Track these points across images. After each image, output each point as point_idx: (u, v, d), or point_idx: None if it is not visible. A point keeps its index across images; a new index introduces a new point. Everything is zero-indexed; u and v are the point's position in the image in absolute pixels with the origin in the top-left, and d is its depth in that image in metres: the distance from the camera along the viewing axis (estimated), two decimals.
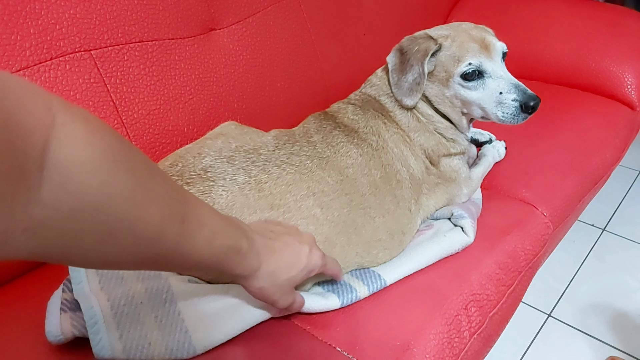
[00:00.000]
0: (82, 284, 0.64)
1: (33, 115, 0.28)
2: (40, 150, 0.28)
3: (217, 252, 0.46)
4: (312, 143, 0.76)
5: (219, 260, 0.47)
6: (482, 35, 0.81)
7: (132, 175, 0.35)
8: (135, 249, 0.37)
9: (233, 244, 0.48)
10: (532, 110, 0.78)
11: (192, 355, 0.60)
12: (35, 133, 0.28)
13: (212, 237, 0.45)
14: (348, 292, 0.70)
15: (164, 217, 0.39)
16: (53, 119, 0.29)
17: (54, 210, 0.30)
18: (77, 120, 0.31)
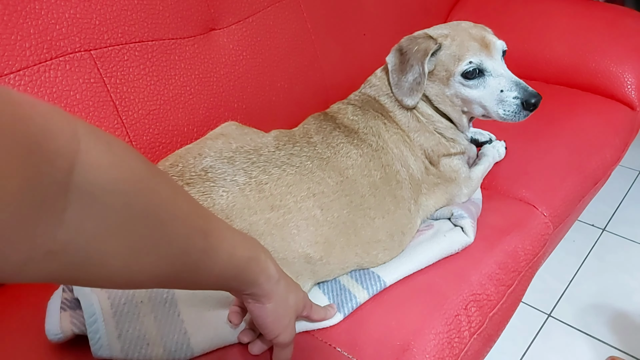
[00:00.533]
0: None
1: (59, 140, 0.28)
2: (65, 175, 0.28)
3: (239, 263, 0.46)
4: (312, 144, 0.76)
5: (241, 270, 0.47)
6: (482, 33, 0.82)
7: (155, 196, 0.36)
8: (160, 267, 0.37)
9: (252, 254, 0.48)
10: (534, 107, 0.78)
11: (189, 357, 0.60)
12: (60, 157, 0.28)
13: (233, 250, 0.45)
14: (348, 300, 0.70)
15: (187, 235, 0.39)
16: (78, 144, 0.29)
17: (77, 233, 0.30)
18: (101, 144, 0.32)
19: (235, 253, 0.46)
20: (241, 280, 0.49)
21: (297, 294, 0.57)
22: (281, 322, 0.55)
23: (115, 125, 0.83)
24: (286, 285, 0.54)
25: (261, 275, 0.50)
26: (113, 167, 0.32)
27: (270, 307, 0.53)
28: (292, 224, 0.67)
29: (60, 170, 0.28)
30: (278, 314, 0.54)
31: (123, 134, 0.84)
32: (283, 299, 0.54)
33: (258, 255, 0.49)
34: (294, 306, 0.56)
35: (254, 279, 0.50)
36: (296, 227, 0.67)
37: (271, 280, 0.51)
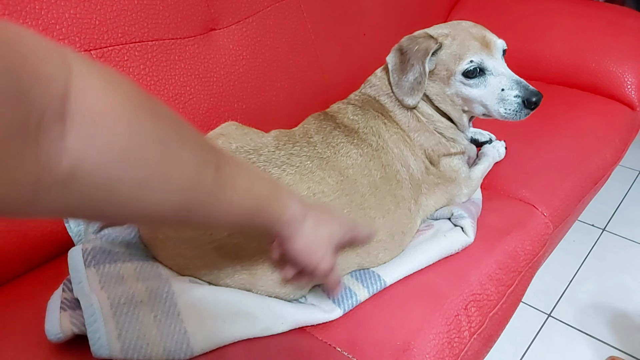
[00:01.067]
0: (82, 284, 0.64)
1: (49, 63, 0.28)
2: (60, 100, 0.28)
3: (259, 200, 0.46)
4: (312, 143, 0.76)
5: (263, 207, 0.47)
6: (482, 33, 0.82)
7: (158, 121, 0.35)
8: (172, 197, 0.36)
9: (273, 191, 0.48)
10: (535, 105, 0.78)
11: (189, 356, 0.60)
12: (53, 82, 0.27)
13: (250, 186, 0.44)
14: (348, 297, 0.70)
15: (197, 164, 0.38)
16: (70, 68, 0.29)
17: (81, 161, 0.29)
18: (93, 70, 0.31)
19: (252, 190, 0.45)
20: (263, 219, 0.48)
21: (331, 226, 0.56)
22: (315, 255, 0.55)
23: None
24: (315, 221, 0.54)
25: (283, 214, 0.49)
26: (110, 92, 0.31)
27: (301, 243, 0.53)
28: None
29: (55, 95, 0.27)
30: (310, 249, 0.54)
31: None
32: (312, 234, 0.53)
33: (278, 194, 0.49)
34: (327, 238, 0.56)
35: (276, 218, 0.49)
36: None
37: (295, 219, 0.51)
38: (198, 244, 0.65)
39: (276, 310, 0.66)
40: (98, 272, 0.66)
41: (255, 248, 0.65)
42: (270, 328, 0.65)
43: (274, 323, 0.65)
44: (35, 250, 0.79)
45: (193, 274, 0.67)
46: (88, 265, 0.67)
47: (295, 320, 0.66)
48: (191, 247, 0.66)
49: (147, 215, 0.37)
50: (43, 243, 0.79)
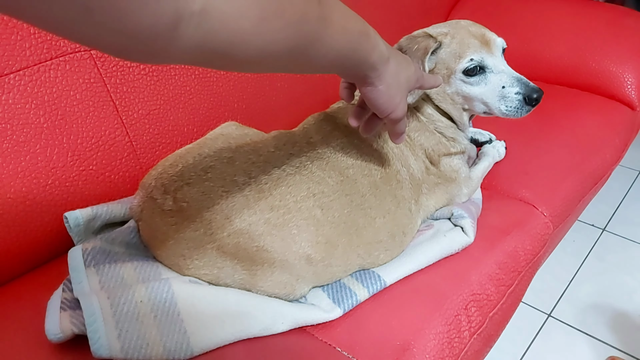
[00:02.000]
0: (82, 284, 0.64)
1: None
2: None
3: (352, 37, 0.46)
4: (312, 144, 0.76)
5: (354, 47, 0.47)
6: (482, 31, 0.82)
7: None
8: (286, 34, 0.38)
9: (363, 29, 0.48)
10: (536, 102, 0.78)
11: (189, 356, 0.60)
12: None
13: (345, 21, 0.45)
14: (348, 297, 0.70)
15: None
16: None
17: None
18: None
19: (347, 25, 0.45)
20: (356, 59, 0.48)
21: (407, 70, 0.57)
22: (393, 100, 0.55)
23: (115, 125, 0.83)
24: (397, 63, 0.54)
25: (373, 53, 0.50)
26: None
27: (383, 88, 0.53)
28: (292, 224, 0.67)
29: None
30: (390, 94, 0.54)
31: (123, 133, 0.84)
32: (394, 78, 0.54)
33: (367, 30, 0.49)
34: (405, 83, 0.57)
35: (366, 57, 0.49)
36: (296, 227, 0.67)
37: (382, 58, 0.51)
38: (198, 244, 0.65)
39: (276, 310, 0.66)
40: (98, 272, 0.66)
41: (255, 248, 0.65)
42: (270, 328, 0.65)
43: (274, 323, 0.65)
44: (35, 250, 0.79)
45: (193, 274, 0.67)
46: (88, 265, 0.67)
47: (295, 320, 0.66)
48: (191, 247, 0.66)
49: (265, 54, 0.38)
50: (43, 243, 0.79)
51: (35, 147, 0.75)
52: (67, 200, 0.79)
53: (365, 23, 0.49)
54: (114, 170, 0.83)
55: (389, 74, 0.53)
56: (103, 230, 0.76)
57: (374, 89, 0.53)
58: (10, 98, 0.72)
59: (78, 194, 0.80)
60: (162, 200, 0.67)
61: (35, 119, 0.74)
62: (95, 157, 0.81)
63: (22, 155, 0.74)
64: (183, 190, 0.66)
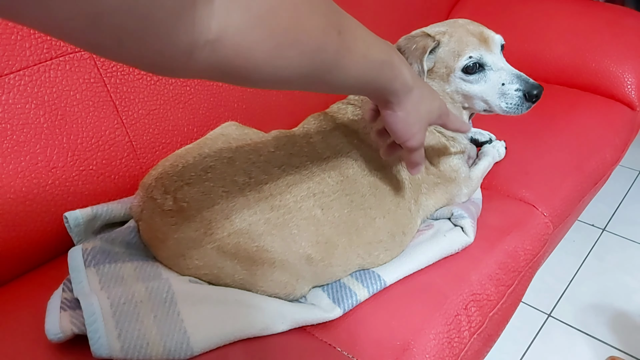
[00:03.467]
0: (82, 284, 0.64)
1: None
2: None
3: (373, 66, 0.47)
4: (312, 144, 0.76)
5: (376, 74, 0.48)
6: (480, 29, 0.82)
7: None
8: (301, 62, 0.38)
9: (386, 58, 0.48)
10: (536, 98, 0.78)
11: (189, 356, 0.60)
12: None
13: (367, 50, 0.45)
14: (348, 297, 0.70)
15: (324, 28, 0.40)
16: None
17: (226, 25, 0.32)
18: None
19: (369, 54, 0.46)
20: (376, 85, 0.49)
21: (431, 104, 0.57)
22: (410, 129, 0.56)
23: (115, 125, 0.83)
24: (420, 94, 0.55)
25: (395, 81, 0.50)
26: None
27: (401, 115, 0.54)
28: (292, 224, 0.67)
29: None
30: (408, 122, 0.55)
31: (123, 133, 0.84)
32: (415, 107, 0.54)
33: (392, 59, 0.49)
34: (426, 115, 0.57)
35: (388, 84, 0.50)
36: (296, 227, 0.67)
37: (405, 87, 0.52)
38: (198, 244, 0.65)
39: (276, 310, 0.66)
40: (98, 272, 0.66)
41: (255, 248, 0.65)
42: (270, 328, 0.65)
43: (274, 323, 0.65)
44: (35, 250, 0.79)
45: (193, 274, 0.67)
46: (88, 265, 0.67)
47: (295, 320, 0.66)
48: (191, 247, 0.66)
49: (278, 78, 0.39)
50: (43, 243, 0.79)
51: (35, 147, 0.75)
52: (67, 200, 0.79)
53: (392, 51, 0.50)
54: (114, 170, 0.83)
55: (410, 103, 0.53)
56: (103, 230, 0.76)
57: (393, 114, 0.54)
58: (10, 98, 0.72)
59: (78, 194, 0.80)
60: (162, 200, 0.67)
61: (35, 119, 0.74)
62: (95, 157, 0.81)
63: (22, 155, 0.74)
64: (183, 190, 0.66)
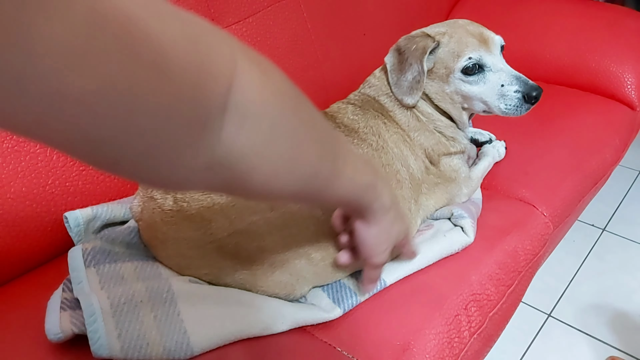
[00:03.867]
0: (82, 284, 0.64)
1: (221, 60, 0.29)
2: (225, 95, 0.30)
3: (358, 189, 0.48)
4: None
5: (359, 195, 0.49)
6: (480, 30, 0.82)
7: (297, 117, 0.37)
8: (293, 186, 0.39)
9: (371, 181, 0.50)
10: (535, 100, 0.78)
11: (189, 356, 0.60)
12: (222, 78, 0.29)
13: (354, 174, 0.47)
14: (348, 297, 0.70)
15: (320, 157, 0.41)
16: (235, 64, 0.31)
17: (231, 151, 0.32)
18: (254, 64, 0.33)
19: (356, 178, 0.47)
20: (357, 204, 0.51)
21: (401, 226, 0.59)
22: (380, 247, 0.57)
23: None
24: (395, 215, 0.56)
25: (375, 202, 0.52)
26: (264, 88, 0.33)
27: (374, 231, 0.55)
28: (292, 224, 0.67)
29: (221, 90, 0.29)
30: (379, 239, 0.56)
31: None
32: (388, 227, 0.56)
33: (375, 182, 0.51)
34: (396, 236, 0.59)
35: (369, 204, 0.51)
36: (296, 227, 0.67)
37: (383, 208, 0.53)
38: (198, 244, 0.65)
39: (276, 310, 0.66)
40: (98, 272, 0.66)
41: (255, 248, 0.65)
42: (270, 328, 0.65)
43: (274, 323, 0.65)
44: (35, 250, 0.79)
45: (193, 274, 0.67)
46: (88, 265, 0.67)
47: (295, 320, 0.66)
48: (191, 247, 0.66)
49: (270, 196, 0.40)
50: (43, 243, 0.79)
51: (35, 147, 0.75)
52: (67, 200, 0.79)
53: (376, 174, 0.51)
54: None
55: (384, 222, 0.55)
56: (103, 230, 0.76)
57: (367, 228, 0.55)
58: None
59: (78, 194, 0.80)
60: (162, 200, 0.67)
61: None
62: None
63: (22, 155, 0.74)
64: None
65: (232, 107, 0.30)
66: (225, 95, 0.30)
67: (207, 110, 0.28)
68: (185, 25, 0.27)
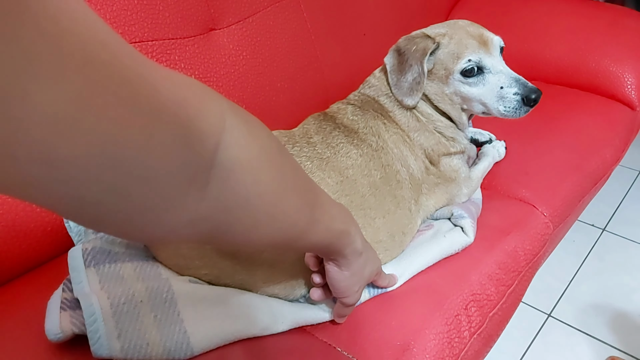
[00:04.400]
0: (82, 284, 0.64)
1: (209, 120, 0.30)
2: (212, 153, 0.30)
3: (332, 235, 0.49)
4: (311, 144, 0.76)
5: (333, 242, 0.50)
6: (480, 31, 0.82)
7: (280, 173, 0.38)
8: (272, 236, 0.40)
9: (345, 228, 0.51)
10: (534, 102, 0.78)
11: (189, 356, 0.60)
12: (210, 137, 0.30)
13: (330, 222, 0.48)
14: None
15: (299, 209, 0.42)
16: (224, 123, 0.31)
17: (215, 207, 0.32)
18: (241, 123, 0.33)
19: (332, 226, 0.48)
20: (330, 250, 0.52)
21: (372, 266, 0.61)
22: (352, 288, 0.59)
23: None
24: (366, 258, 0.58)
25: (348, 247, 0.53)
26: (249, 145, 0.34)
27: (347, 274, 0.57)
28: None
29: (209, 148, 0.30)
30: (351, 281, 0.58)
31: None
32: (360, 270, 0.58)
33: (349, 229, 0.52)
34: (368, 276, 0.61)
35: (342, 249, 0.53)
36: None
37: (355, 252, 0.55)
38: (198, 244, 0.65)
39: (276, 310, 0.66)
40: (98, 272, 0.66)
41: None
42: (270, 328, 0.65)
43: (274, 323, 0.65)
44: (35, 250, 0.79)
45: (193, 274, 0.67)
46: (88, 265, 0.67)
47: (295, 320, 0.66)
48: (191, 247, 0.66)
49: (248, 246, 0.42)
50: (43, 243, 0.79)
51: None
52: None
53: (350, 221, 0.53)
54: None
55: (357, 265, 0.56)
56: None
57: (339, 272, 0.56)
58: None
59: None
60: None
61: None
62: None
63: None
64: None
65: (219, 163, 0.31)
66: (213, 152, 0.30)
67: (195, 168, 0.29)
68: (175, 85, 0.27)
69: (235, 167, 0.32)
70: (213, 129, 0.30)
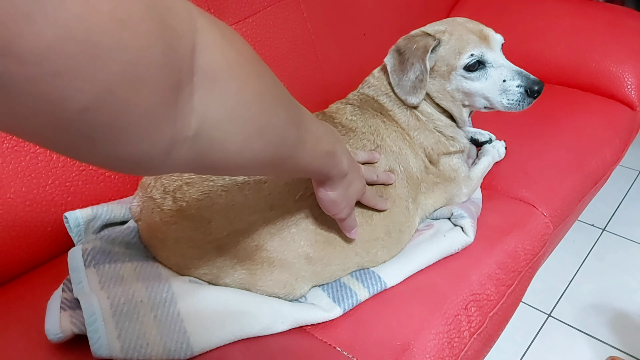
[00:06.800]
0: (82, 284, 0.64)
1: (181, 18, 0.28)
2: (190, 56, 0.29)
3: (319, 156, 0.50)
4: None
5: (321, 163, 0.51)
6: (479, 27, 0.82)
7: (261, 81, 0.37)
8: (264, 154, 0.39)
9: (331, 149, 0.51)
10: (537, 94, 0.79)
11: (189, 356, 0.60)
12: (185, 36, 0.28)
13: (317, 143, 0.48)
14: (348, 297, 0.70)
15: (286, 123, 0.41)
16: (195, 23, 0.30)
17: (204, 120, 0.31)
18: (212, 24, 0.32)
19: (318, 146, 0.48)
20: (318, 172, 0.53)
21: (357, 185, 0.63)
22: (338, 206, 0.61)
23: None
24: (352, 178, 0.60)
25: (334, 168, 0.54)
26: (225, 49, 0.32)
27: (332, 194, 0.59)
28: (291, 223, 0.67)
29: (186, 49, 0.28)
30: (336, 202, 0.60)
31: None
32: (345, 190, 0.59)
33: (335, 149, 0.53)
34: (354, 195, 0.63)
35: (328, 170, 0.53)
36: (295, 226, 0.67)
37: (341, 173, 0.56)
38: (198, 244, 0.65)
39: (276, 310, 0.66)
40: (98, 272, 0.66)
41: (254, 247, 0.65)
42: (270, 327, 0.65)
43: (274, 322, 0.65)
44: (35, 250, 0.79)
45: (193, 274, 0.67)
46: (88, 265, 0.67)
47: (295, 320, 0.66)
48: (191, 247, 0.66)
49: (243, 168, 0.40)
50: (43, 243, 0.79)
51: (35, 148, 0.75)
52: (67, 200, 0.79)
53: (336, 141, 0.53)
54: None
55: (342, 186, 0.58)
56: (103, 230, 0.76)
57: (326, 193, 0.59)
58: None
59: (78, 194, 0.80)
60: (162, 200, 0.67)
61: None
62: None
63: (22, 155, 0.74)
64: (182, 189, 0.66)
65: (199, 69, 0.30)
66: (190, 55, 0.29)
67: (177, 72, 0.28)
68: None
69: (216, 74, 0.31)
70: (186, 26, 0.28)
